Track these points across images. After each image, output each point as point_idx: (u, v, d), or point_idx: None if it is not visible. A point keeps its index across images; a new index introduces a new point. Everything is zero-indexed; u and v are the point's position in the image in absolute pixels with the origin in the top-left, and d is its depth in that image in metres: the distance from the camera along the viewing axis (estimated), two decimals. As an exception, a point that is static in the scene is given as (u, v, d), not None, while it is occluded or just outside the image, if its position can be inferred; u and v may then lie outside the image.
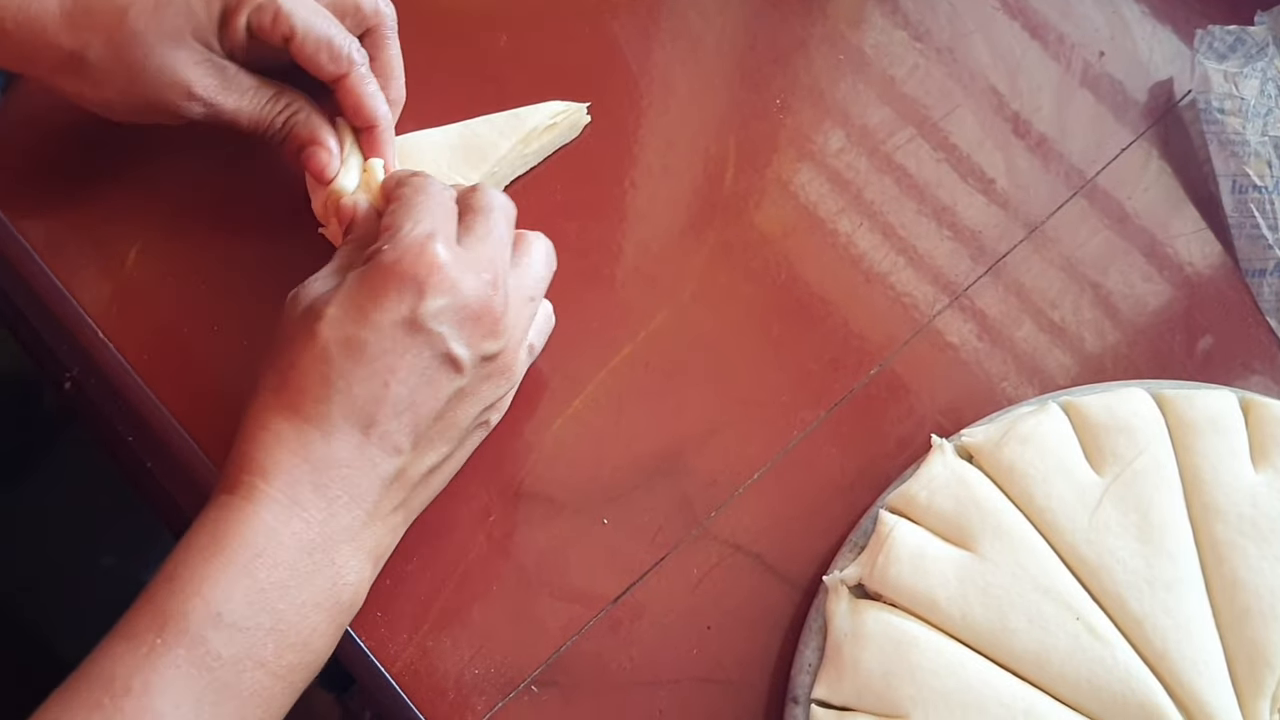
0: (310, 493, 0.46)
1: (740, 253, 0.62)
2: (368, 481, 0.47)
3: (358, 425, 0.47)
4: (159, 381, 0.57)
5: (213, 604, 0.44)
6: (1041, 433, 0.55)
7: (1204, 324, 0.63)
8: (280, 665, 0.45)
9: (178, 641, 0.43)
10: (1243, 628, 0.51)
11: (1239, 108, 0.65)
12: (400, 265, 0.48)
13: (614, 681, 0.54)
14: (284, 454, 0.46)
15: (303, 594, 0.46)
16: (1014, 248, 0.64)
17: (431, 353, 0.48)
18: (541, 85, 0.63)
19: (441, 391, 0.49)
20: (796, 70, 0.67)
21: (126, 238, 0.59)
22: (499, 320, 0.50)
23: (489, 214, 0.52)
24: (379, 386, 0.47)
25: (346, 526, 0.47)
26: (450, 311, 0.48)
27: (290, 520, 0.46)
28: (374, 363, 0.47)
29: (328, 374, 0.47)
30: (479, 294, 0.49)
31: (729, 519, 0.57)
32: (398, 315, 0.47)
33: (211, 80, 0.54)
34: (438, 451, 0.50)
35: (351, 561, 0.47)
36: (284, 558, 0.45)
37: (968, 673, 0.50)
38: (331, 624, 0.47)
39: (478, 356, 0.49)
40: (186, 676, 0.42)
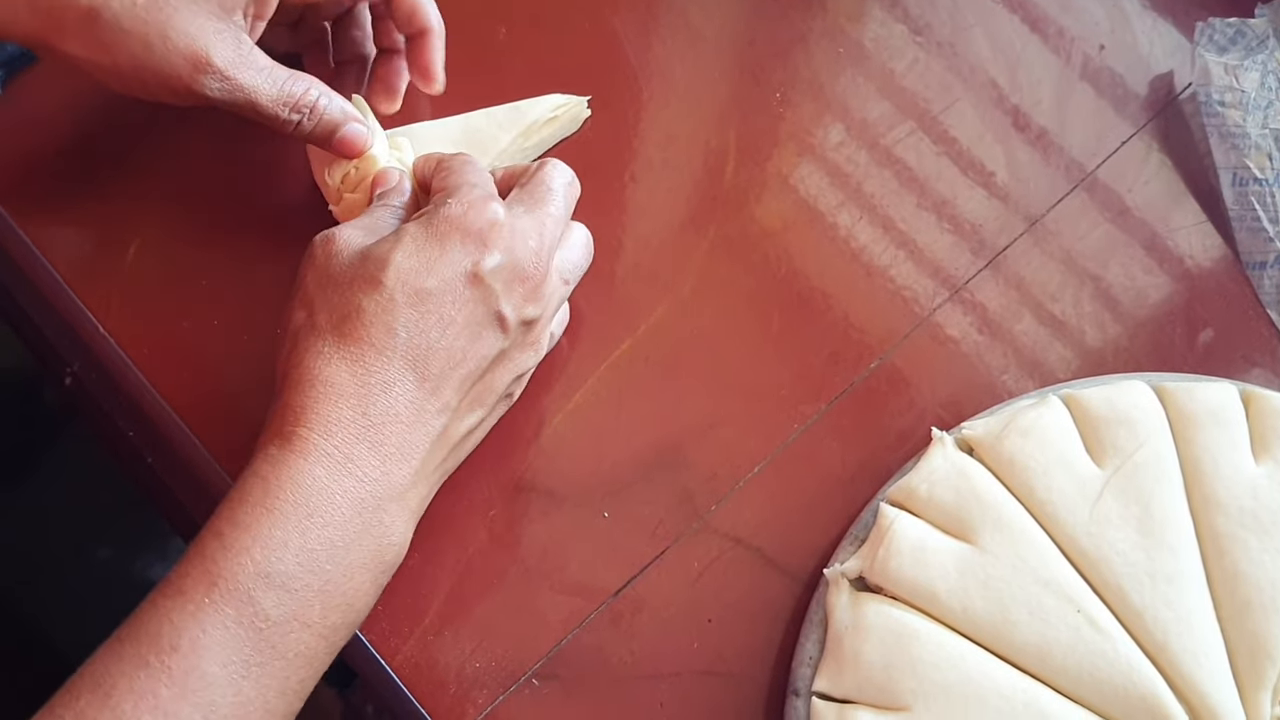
0: (366, 449, 0.46)
1: (740, 247, 0.62)
2: (418, 437, 0.47)
3: (415, 376, 0.47)
4: (160, 376, 0.57)
5: (263, 564, 0.43)
6: (1042, 425, 0.55)
7: (1204, 317, 0.63)
8: (325, 625, 0.45)
9: (227, 601, 0.43)
10: (1244, 620, 0.51)
11: (1239, 100, 0.65)
12: (466, 218, 0.49)
13: (615, 675, 0.54)
14: (343, 407, 0.46)
15: (351, 554, 0.45)
16: (1014, 241, 0.64)
17: (485, 309, 0.49)
18: (541, 79, 0.63)
19: (489, 349, 0.49)
20: (796, 64, 0.67)
21: (127, 233, 0.59)
22: (541, 286, 0.51)
23: (550, 186, 0.53)
24: (438, 337, 0.48)
25: (396, 484, 0.47)
26: (505, 270, 0.49)
27: (344, 477, 0.45)
28: (437, 312, 0.48)
29: (392, 324, 0.47)
30: (529, 257, 0.50)
31: (729, 512, 0.57)
32: (462, 266, 0.48)
33: (231, 53, 0.52)
34: (475, 414, 0.50)
35: (398, 521, 0.47)
36: (336, 517, 0.45)
37: (968, 665, 0.50)
38: (374, 583, 0.47)
39: (519, 320, 0.50)
40: (235, 637, 0.42)
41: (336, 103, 0.55)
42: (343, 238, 0.50)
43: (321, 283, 0.49)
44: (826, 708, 0.50)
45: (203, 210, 0.60)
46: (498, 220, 0.49)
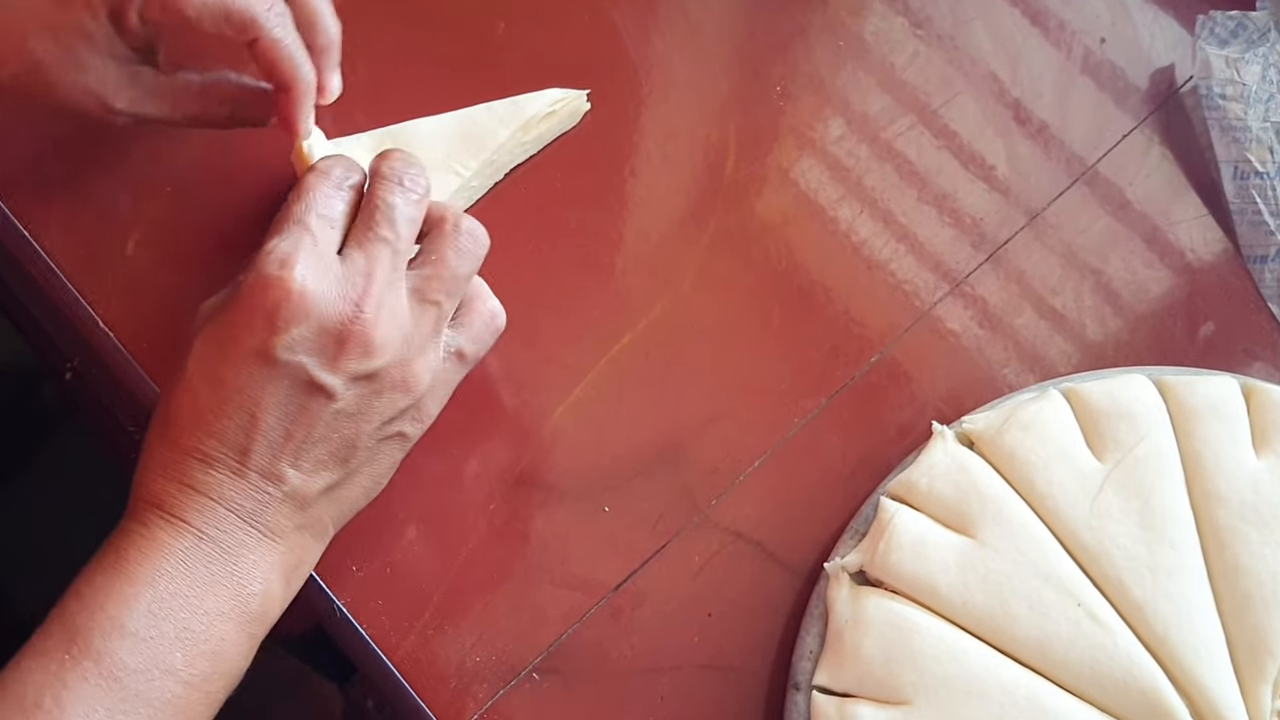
0: (198, 515, 0.46)
1: (740, 241, 0.62)
2: (253, 504, 0.47)
3: (233, 456, 0.46)
4: (160, 371, 0.57)
5: (116, 617, 0.44)
6: (1043, 419, 0.55)
7: (1205, 310, 0.63)
8: (192, 674, 0.45)
9: (85, 655, 0.43)
10: (1244, 614, 0.51)
11: (1240, 93, 0.65)
12: (251, 297, 0.46)
13: (615, 669, 0.54)
14: (168, 483, 0.46)
15: (205, 603, 0.46)
16: (1014, 235, 0.64)
17: (292, 382, 0.46)
18: (540, 73, 0.63)
19: (317, 418, 0.47)
20: (796, 58, 0.66)
21: (125, 226, 0.59)
22: (369, 337, 0.47)
23: (381, 212, 0.49)
24: (247, 420, 0.46)
25: (242, 543, 0.47)
26: (308, 340, 0.46)
27: (182, 536, 0.46)
28: (237, 397, 0.46)
29: (197, 408, 0.46)
30: (339, 315, 0.47)
31: (730, 506, 0.57)
32: (251, 349, 0.46)
33: (129, 91, 0.51)
34: (332, 472, 0.48)
35: (254, 572, 0.47)
36: (181, 570, 0.45)
37: (969, 659, 0.50)
38: (241, 633, 0.47)
39: (349, 379, 0.47)
40: (96, 688, 0.43)
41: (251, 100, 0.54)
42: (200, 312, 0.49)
43: None
44: (827, 702, 0.50)
45: (201, 204, 0.60)
46: (286, 291, 0.46)
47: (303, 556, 0.49)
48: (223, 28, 0.51)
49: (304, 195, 0.49)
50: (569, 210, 0.61)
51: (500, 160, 0.60)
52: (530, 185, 0.61)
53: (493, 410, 0.57)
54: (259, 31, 0.51)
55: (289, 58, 0.51)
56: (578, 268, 0.60)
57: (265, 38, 0.51)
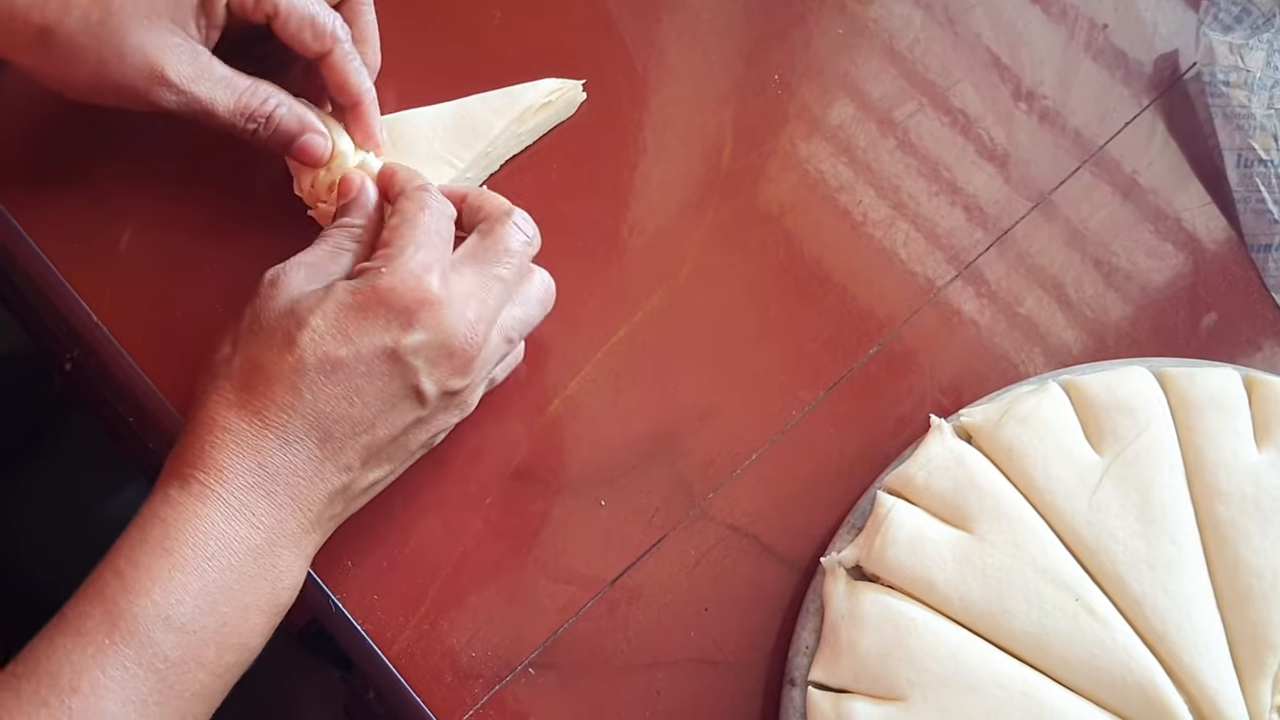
0: (261, 499, 0.46)
1: (738, 232, 0.62)
2: (315, 492, 0.48)
3: (316, 438, 0.47)
4: (154, 364, 0.57)
5: (163, 606, 0.44)
6: (1041, 413, 0.54)
7: (1209, 300, 0.63)
8: (220, 665, 0.46)
9: (126, 642, 0.43)
10: (1244, 608, 0.51)
11: (1244, 80, 0.64)
12: (394, 294, 0.47)
13: (612, 663, 0.54)
14: (240, 456, 0.46)
15: (246, 597, 0.46)
16: (1017, 222, 0.63)
17: (401, 383, 0.48)
18: (536, 62, 0.62)
19: (402, 419, 0.49)
20: (794, 45, 0.66)
21: (119, 221, 0.59)
22: (472, 361, 0.49)
23: (506, 247, 0.51)
24: (345, 405, 0.47)
25: (291, 533, 0.47)
26: (430, 348, 0.48)
27: (239, 525, 0.46)
28: (346, 383, 0.47)
29: (298, 385, 0.47)
30: (464, 333, 0.49)
31: (726, 500, 0.57)
32: (380, 343, 0.47)
33: (187, 67, 0.52)
34: (383, 469, 0.50)
35: (293, 565, 0.48)
36: (232, 562, 0.46)
37: (966, 654, 0.50)
38: (268, 624, 0.48)
39: (441, 392, 0.49)
40: (134, 677, 0.43)
41: (295, 112, 0.54)
42: (284, 280, 0.49)
43: (252, 325, 0.49)
44: (822, 697, 0.50)
45: (195, 198, 0.60)
46: (429, 298, 0.48)
47: (317, 548, 0.50)
48: (303, 33, 0.54)
49: (426, 210, 0.50)
50: (565, 202, 0.61)
51: (495, 151, 0.60)
52: (526, 176, 0.61)
53: (489, 404, 0.57)
54: (335, 46, 0.54)
55: (358, 72, 0.56)
56: (574, 260, 0.60)
57: (339, 52, 0.55)
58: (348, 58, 0.55)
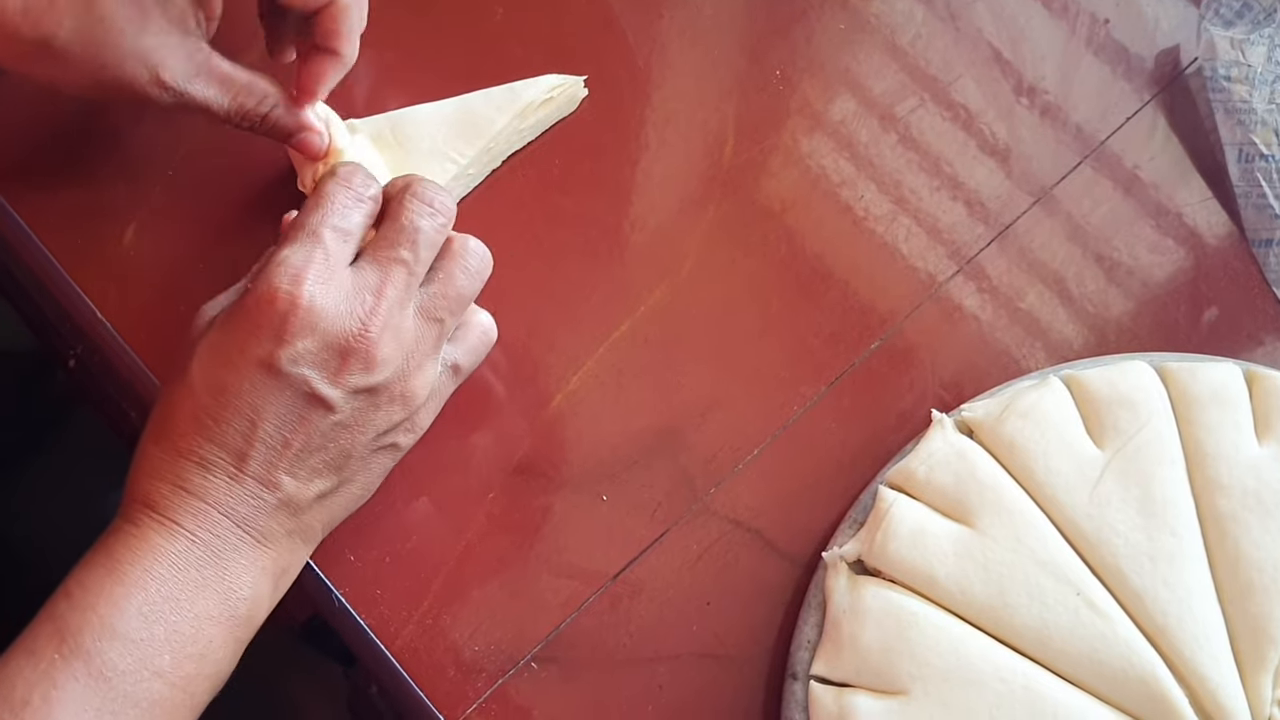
0: (192, 519, 0.47)
1: (739, 227, 0.62)
2: (247, 510, 0.47)
3: (230, 461, 0.47)
4: (157, 360, 0.57)
5: (107, 619, 0.44)
6: (1042, 407, 0.54)
7: (1210, 295, 0.63)
8: (178, 675, 0.46)
9: (75, 655, 0.44)
10: (1245, 602, 0.51)
11: (1246, 75, 0.64)
12: (259, 308, 0.47)
13: (614, 658, 0.54)
14: (164, 485, 0.47)
15: (195, 606, 0.46)
16: (1019, 217, 0.63)
17: (294, 393, 0.47)
18: (538, 59, 0.62)
19: (315, 428, 0.48)
20: (796, 41, 0.66)
21: (122, 217, 0.59)
22: (371, 354, 0.48)
23: (401, 230, 0.50)
24: (247, 426, 0.47)
25: (234, 547, 0.47)
26: (312, 353, 0.47)
27: (175, 539, 0.46)
28: (238, 404, 0.47)
29: (197, 413, 0.47)
30: (344, 331, 0.47)
31: (728, 495, 0.57)
32: (256, 359, 0.47)
33: (183, 67, 0.51)
34: (326, 479, 0.49)
35: (244, 577, 0.48)
36: (173, 574, 0.46)
37: (967, 649, 0.50)
38: (229, 636, 0.47)
39: (349, 392, 0.48)
40: (85, 689, 0.44)
41: (292, 110, 0.54)
42: (198, 317, 0.50)
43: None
44: (824, 691, 0.50)
45: (198, 194, 0.60)
46: (295, 304, 0.46)
47: (291, 561, 0.50)
48: None
49: (321, 204, 0.50)
50: (566, 197, 0.61)
51: (497, 147, 0.60)
52: (528, 172, 0.61)
53: (491, 399, 0.57)
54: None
55: (349, 30, 0.54)
56: (575, 255, 0.60)
57: (339, 3, 0.53)
58: (346, 10, 0.53)
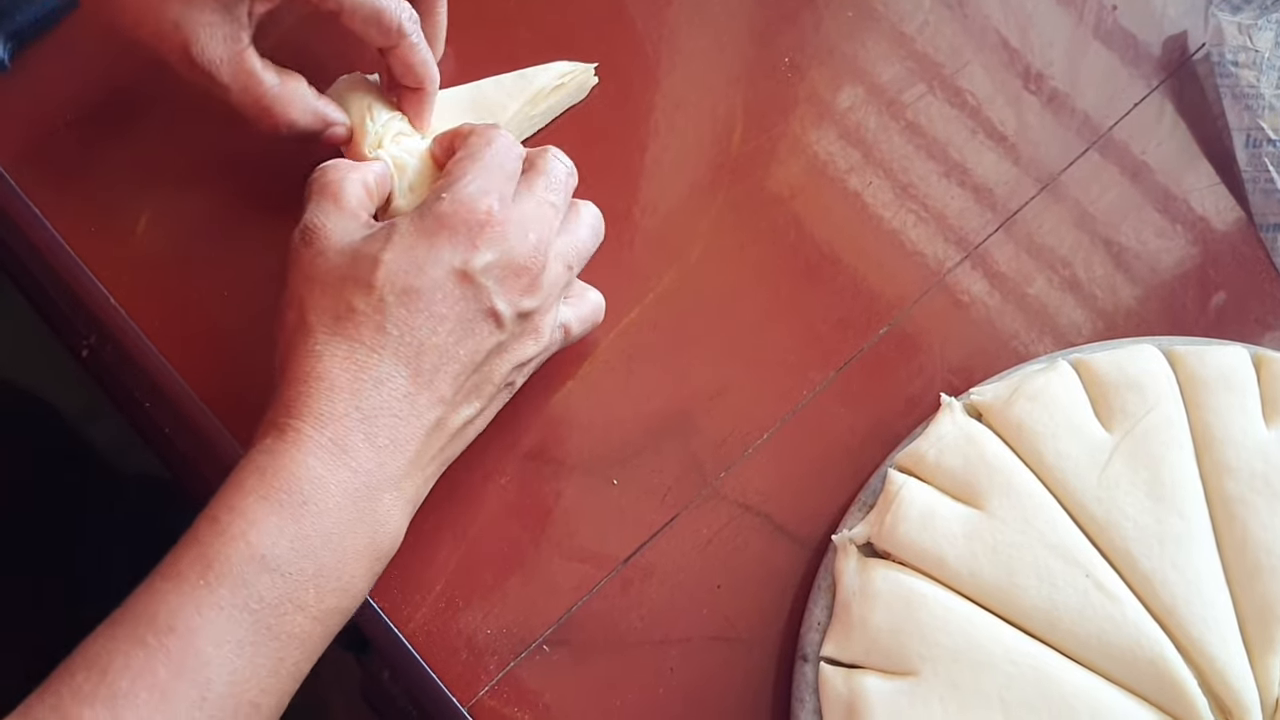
0: (360, 440, 0.47)
1: (748, 213, 0.62)
2: (411, 429, 0.48)
3: (408, 373, 0.48)
4: (172, 348, 0.57)
5: (258, 548, 0.44)
6: (1051, 390, 0.55)
7: (1218, 280, 0.63)
8: (320, 609, 0.46)
9: (221, 583, 0.43)
10: (1253, 584, 0.51)
11: (1253, 60, 0.64)
12: (456, 217, 0.49)
13: (625, 640, 0.54)
14: (336, 400, 0.47)
15: (345, 541, 0.46)
16: (1026, 203, 0.63)
17: (477, 305, 0.49)
18: (547, 46, 0.63)
19: (483, 344, 0.50)
20: (805, 28, 0.66)
21: (136, 205, 0.59)
22: (538, 279, 0.51)
23: (548, 177, 0.53)
24: (428, 335, 0.48)
25: (390, 475, 0.48)
26: (498, 267, 0.49)
27: (338, 469, 0.46)
28: (426, 311, 0.48)
29: (383, 323, 0.48)
30: (524, 251, 0.50)
31: (738, 479, 0.57)
32: (450, 266, 0.48)
33: (216, 49, 0.52)
34: (472, 405, 0.51)
35: (393, 509, 0.48)
36: (330, 506, 0.46)
37: (977, 630, 0.50)
38: (370, 569, 0.48)
39: (516, 313, 0.50)
40: (229, 618, 0.43)
41: (317, 113, 0.55)
42: (323, 235, 0.50)
43: (309, 283, 0.49)
44: (834, 672, 0.51)
45: (213, 182, 0.60)
46: (491, 217, 0.49)
47: (424, 492, 0.51)
48: (369, 28, 0.54)
49: (491, 143, 0.52)
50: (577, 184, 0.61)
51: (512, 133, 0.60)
52: (538, 160, 0.61)
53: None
54: (403, 40, 0.55)
55: (424, 63, 0.56)
56: (586, 242, 0.60)
57: (405, 45, 0.55)
58: (414, 50, 0.55)
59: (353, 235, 0.50)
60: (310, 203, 0.52)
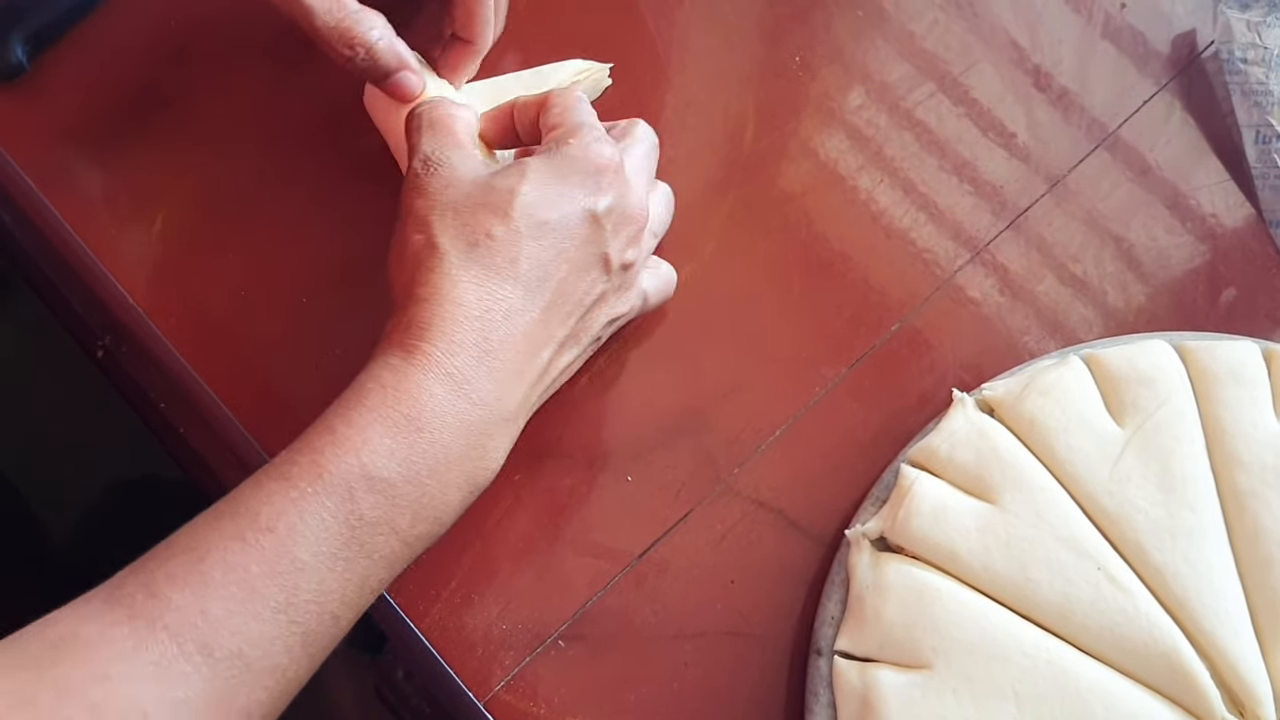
0: (484, 373, 0.47)
1: (760, 210, 0.62)
2: (530, 366, 0.49)
3: (536, 308, 0.49)
4: (189, 347, 0.58)
5: (370, 468, 0.45)
6: (1062, 385, 0.55)
7: (1227, 276, 0.63)
8: (412, 534, 0.46)
9: (328, 494, 0.44)
10: (1265, 576, 0.51)
11: (1262, 57, 0.64)
12: (586, 159, 0.50)
13: (640, 635, 0.55)
14: (468, 327, 0.47)
15: (450, 473, 0.47)
16: (1035, 202, 0.64)
17: (595, 248, 0.50)
18: (561, 46, 0.63)
19: (594, 287, 0.51)
20: (815, 27, 0.66)
21: (153, 205, 0.60)
22: (642, 230, 0.53)
23: (645, 144, 0.56)
24: (555, 270, 0.49)
25: (505, 410, 0.48)
26: (615, 212, 0.51)
27: (458, 399, 0.47)
28: (556, 247, 0.49)
29: (517, 254, 0.48)
30: (637, 202, 0.52)
31: (752, 475, 0.57)
32: (581, 205, 0.50)
33: None
34: (573, 350, 0.52)
35: (500, 446, 0.49)
36: (444, 436, 0.46)
37: (990, 623, 0.50)
38: (464, 501, 0.49)
39: (621, 262, 0.52)
40: (328, 529, 0.44)
41: (396, 47, 0.54)
42: (450, 165, 0.50)
43: (440, 209, 0.49)
44: (848, 666, 0.51)
45: (229, 182, 0.61)
46: (614, 164, 0.51)
47: (515, 438, 0.51)
48: None
49: (579, 105, 0.54)
50: (590, 183, 0.61)
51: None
52: (551, 158, 0.62)
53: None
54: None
55: (485, 21, 0.57)
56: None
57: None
58: (482, 2, 0.57)
59: (477, 169, 0.51)
60: (424, 135, 0.52)
